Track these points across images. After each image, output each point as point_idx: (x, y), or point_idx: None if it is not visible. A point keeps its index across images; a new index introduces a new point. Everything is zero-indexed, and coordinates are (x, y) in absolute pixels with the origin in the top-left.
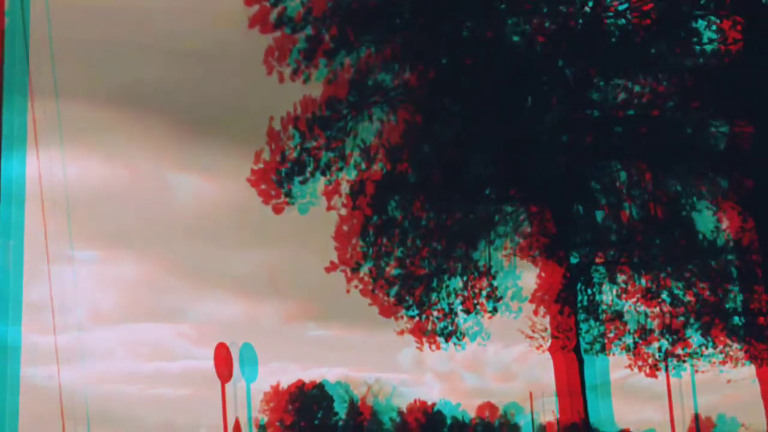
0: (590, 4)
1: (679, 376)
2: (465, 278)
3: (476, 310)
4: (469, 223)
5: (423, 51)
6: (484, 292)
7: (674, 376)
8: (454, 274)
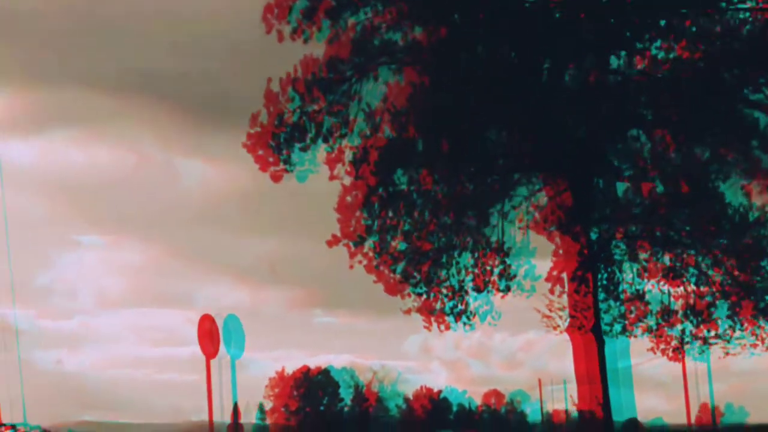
0: None
1: (704, 361)
2: (476, 254)
3: (487, 289)
4: (480, 195)
5: (434, 6)
6: (497, 270)
7: (699, 360)
8: (465, 249)
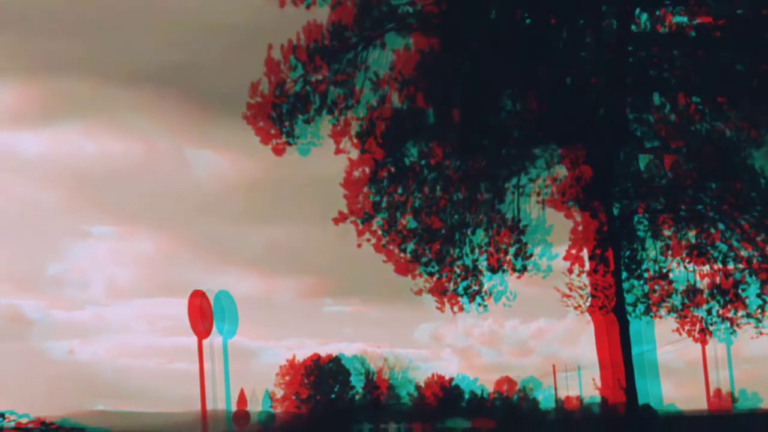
0: None
1: (730, 342)
2: (490, 232)
3: (502, 269)
4: (494, 168)
5: None
6: (512, 249)
7: (724, 342)
8: (478, 226)
